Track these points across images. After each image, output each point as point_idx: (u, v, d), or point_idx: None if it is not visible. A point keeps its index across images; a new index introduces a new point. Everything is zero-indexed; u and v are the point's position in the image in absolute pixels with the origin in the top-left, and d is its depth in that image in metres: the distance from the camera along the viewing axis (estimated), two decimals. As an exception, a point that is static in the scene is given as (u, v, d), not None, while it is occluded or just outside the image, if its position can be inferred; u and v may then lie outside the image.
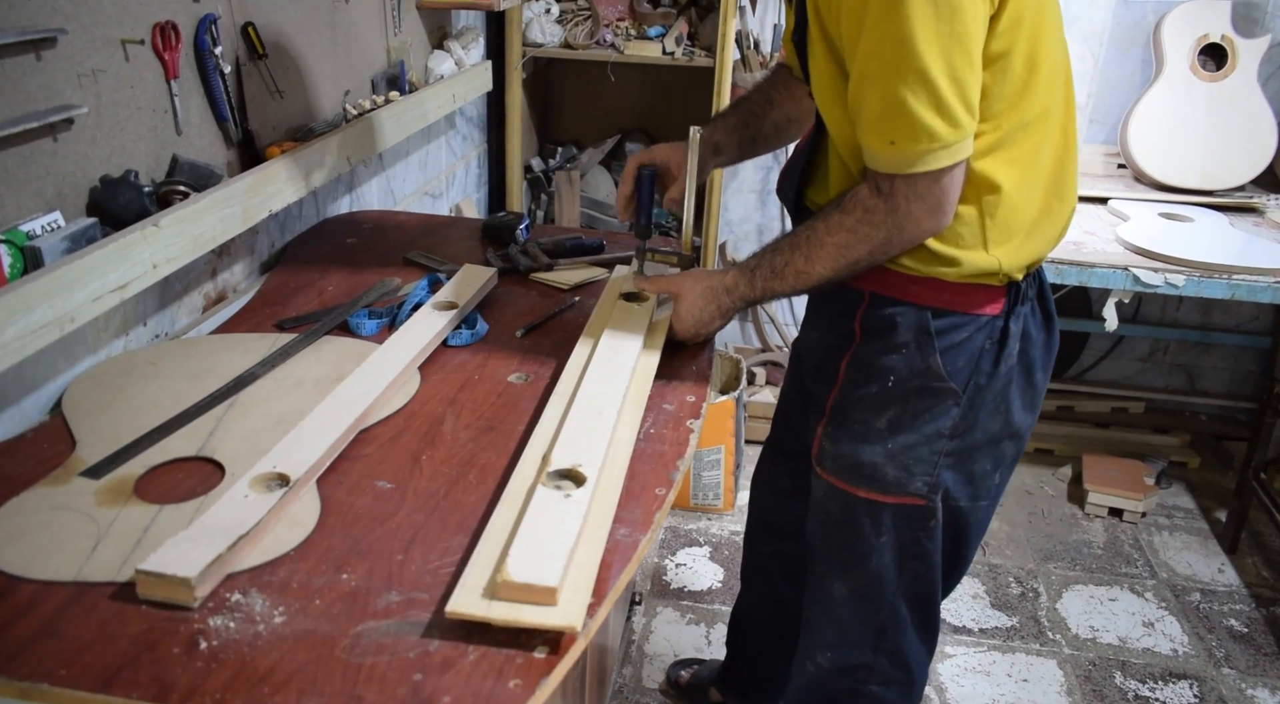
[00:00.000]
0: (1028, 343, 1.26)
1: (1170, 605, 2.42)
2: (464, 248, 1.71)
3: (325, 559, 0.90)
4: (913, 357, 1.23)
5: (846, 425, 1.29)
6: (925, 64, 1.03)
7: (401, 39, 2.07)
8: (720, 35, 2.62)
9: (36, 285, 1.02)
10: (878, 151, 1.10)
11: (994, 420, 1.27)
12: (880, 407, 1.26)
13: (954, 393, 1.23)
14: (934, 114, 1.05)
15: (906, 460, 1.26)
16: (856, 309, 1.27)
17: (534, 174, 3.05)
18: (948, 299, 1.21)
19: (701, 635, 2.24)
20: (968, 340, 1.22)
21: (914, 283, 1.21)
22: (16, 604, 0.83)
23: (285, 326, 1.38)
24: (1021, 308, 1.24)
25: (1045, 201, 1.21)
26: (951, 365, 1.23)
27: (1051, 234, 1.24)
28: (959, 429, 1.25)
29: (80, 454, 1.04)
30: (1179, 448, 3.06)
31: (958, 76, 1.05)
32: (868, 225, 1.14)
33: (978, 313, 1.22)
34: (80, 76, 1.17)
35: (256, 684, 0.76)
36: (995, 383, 1.24)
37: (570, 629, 0.79)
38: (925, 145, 1.07)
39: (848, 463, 1.29)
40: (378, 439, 1.11)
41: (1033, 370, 1.29)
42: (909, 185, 1.11)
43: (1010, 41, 1.10)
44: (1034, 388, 1.30)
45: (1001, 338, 1.23)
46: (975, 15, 1.04)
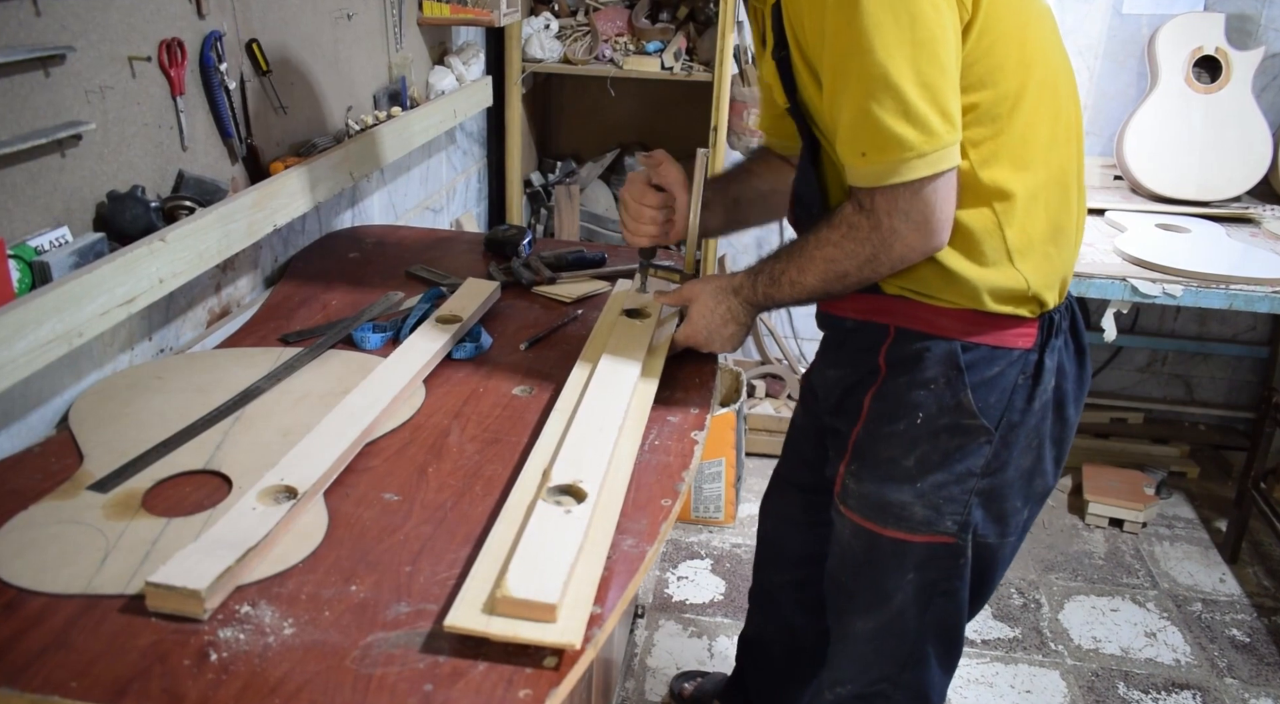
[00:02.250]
0: (1061, 377, 1.22)
1: (1172, 615, 2.42)
2: (466, 262, 1.72)
3: (334, 571, 0.91)
4: (942, 393, 1.18)
5: (872, 463, 1.25)
6: (888, 72, 1.00)
7: (403, 55, 2.08)
8: (719, 50, 2.64)
9: (45, 300, 1.03)
10: (853, 165, 1.07)
11: (1026, 457, 1.22)
12: (908, 445, 1.21)
13: (986, 430, 1.19)
14: (903, 122, 1.01)
15: (936, 500, 1.22)
16: (881, 344, 1.23)
17: (534, 188, 3.06)
18: (978, 332, 1.17)
19: (704, 648, 2.24)
20: (1000, 375, 1.18)
21: (943, 315, 1.17)
22: (27, 617, 0.83)
23: (290, 341, 1.38)
24: (1055, 341, 1.19)
25: (1060, 207, 1.18)
26: (983, 402, 1.18)
27: (1071, 243, 1.21)
28: (991, 468, 1.21)
29: (88, 468, 1.05)
30: (1178, 458, 3.06)
31: (927, 82, 1.01)
32: (852, 242, 1.11)
33: (1010, 346, 1.18)
34: (88, 93, 1.18)
35: (267, 695, 0.76)
36: (1029, 419, 1.20)
37: (569, 646, 0.79)
38: (897, 155, 1.03)
39: (873, 502, 1.25)
40: (384, 452, 1.11)
41: (1065, 405, 1.24)
42: (888, 199, 1.06)
43: (993, 46, 1.07)
44: (1065, 423, 1.26)
45: (1036, 372, 1.19)
46: (940, 21, 1.01)
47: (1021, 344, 1.18)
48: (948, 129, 1.03)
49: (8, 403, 1.10)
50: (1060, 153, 1.17)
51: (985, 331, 1.17)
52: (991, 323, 1.17)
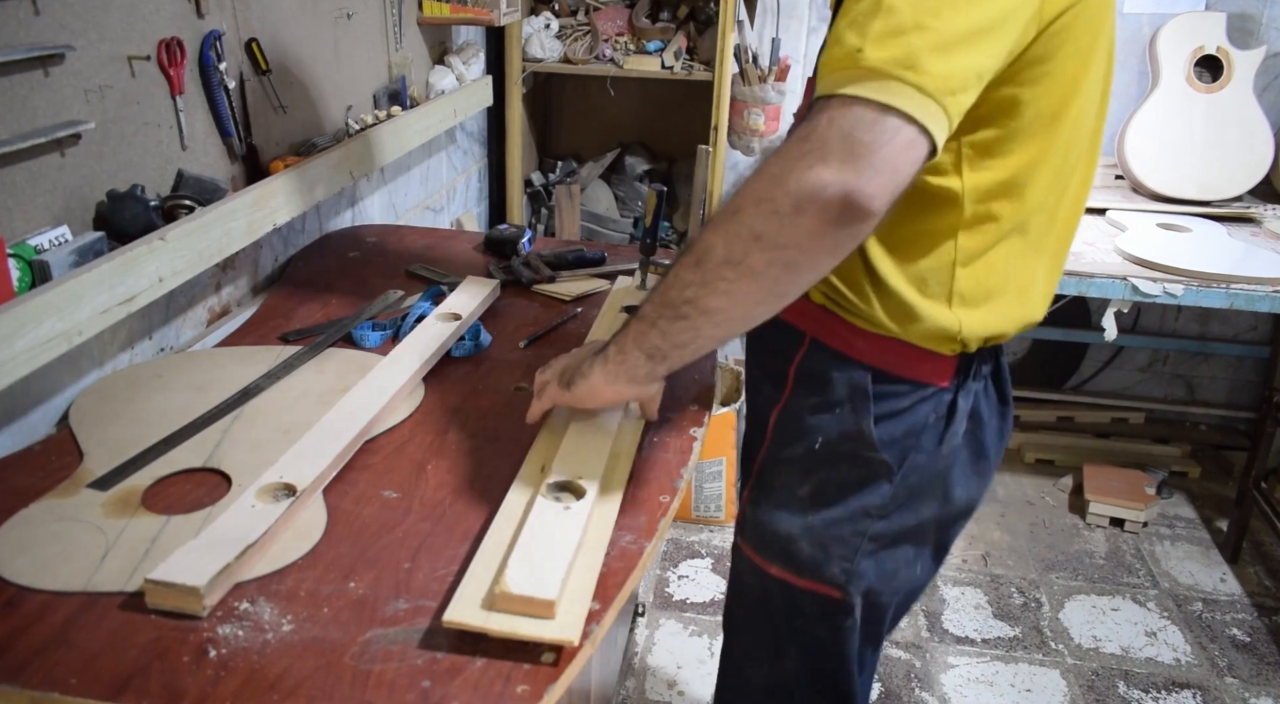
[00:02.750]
0: (977, 424, 1.10)
1: (1172, 615, 2.42)
2: (466, 260, 1.72)
3: (333, 568, 0.91)
4: (845, 418, 1.07)
5: (769, 490, 1.14)
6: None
7: (403, 54, 2.09)
8: (719, 49, 2.65)
9: (45, 298, 1.03)
10: (836, 67, 0.81)
11: (928, 505, 1.11)
12: (804, 472, 1.11)
13: (886, 467, 1.07)
14: (929, 43, 0.79)
15: (824, 538, 1.10)
16: (795, 353, 1.10)
17: (534, 188, 3.06)
18: (892, 361, 1.05)
19: (704, 647, 2.24)
20: (909, 410, 1.07)
21: (859, 336, 1.05)
22: (27, 614, 0.83)
23: (290, 339, 1.39)
24: (973, 384, 1.08)
25: (1026, 272, 1.04)
26: (887, 435, 1.06)
27: (1025, 311, 1.06)
28: (887, 509, 1.09)
29: (88, 466, 1.05)
30: (1179, 458, 3.06)
31: (983, 32, 0.81)
32: (774, 162, 0.82)
33: (924, 381, 1.06)
34: (87, 92, 1.18)
35: (266, 691, 0.76)
36: (935, 463, 1.08)
37: (567, 643, 0.79)
38: (901, 69, 0.78)
39: (765, 533, 1.14)
40: (383, 449, 1.11)
41: (981, 455, 1.13)
42: (844, 105, 0.79)
43: (1036, 71, 0.90)
44: (979, 475, 1.14)
45: (948, 414, 1.07)
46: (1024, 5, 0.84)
47: (936, 381, 1.06)
48: (942, 78, 0.79)
49: (8, 401, 1.11)
50: (1056, 213, 1.03)
51: (900, 362, 1.05)
52: (907, 354, 1.05)
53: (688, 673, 2.17)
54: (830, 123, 0.79)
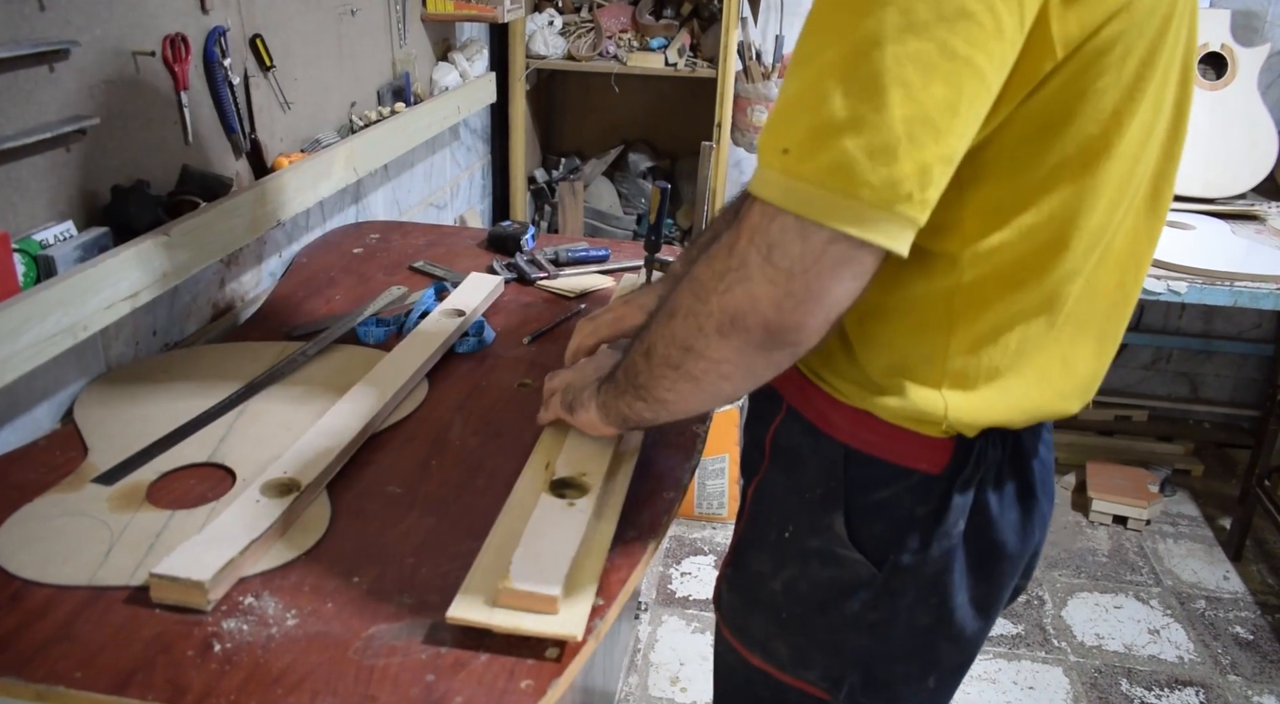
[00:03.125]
0: (985, 522, 0.89)
1: (1176, 613, 2.42)
2: (469, 257, 1.72)
3: (337, 563, 0.91)
4: (816, 507, 0.91)
5: (743, 572, 1.00)
6: (885, 65, 0.63)
7: (407, 51, 2.09)
8: (722, 47, 2.64)
9: (50, 293, 1.03)
10: (762, 163, 0.69)
11: (922, 615, 0.91)
12: (776, 562, 0.95)
13: (864, 568, 0.90)
14: (862, 147, 0.63)
15: (801, 642, 0.95)
16: (773, 419, 0.96)
17: (537, 185, 3.06)
18: (870, 440, 0.87)
19: (707, 644, 2.24)
20: (891, 501, 0.88)
21: (832, 407, 0.89)
22: (32, 608, 0.84)
23: (294, 335, 1.39)
24: (975, 473, 0.86)
25: (1055, 351, 0.85)
26: (863, 531, 0.89)
27: (1046, 400, 0.86)
28: (869, 618, 0.91)
29: (92, 461, 1.05)
30: (1183, 455, 3.06)
31: (924, 111, 0.63)
32: (705, 266, 0.73)
33: (909, 466, 0.87)
34: (92, 88, 1.18)
35: (270, 686, 0.76)
36: (924, 567, 0.88)
37: (571, 638, 0.80)
38: (828, 177, 0.64)
39: (741, 621, 1.01)
40: (387, 445, 1.11)
41: (992, 561, 0.91)
42: (765, 220, 0.67)
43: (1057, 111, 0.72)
44: (994, 585, 0.92)
45: (939, 508, 0.87)
46: (984, 34, 0.64)
47: (924, 467, 0.87)
48: (912, 194, 0.65)
49: (13, 396, 1.11)
50: (1096, 274, 0.83)
51: (879, 441, 0.87)
52: (887, 432, 0.87)
53: (690, 670, 2.17)
54: (750, 238, 0.68)
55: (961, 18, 0.63)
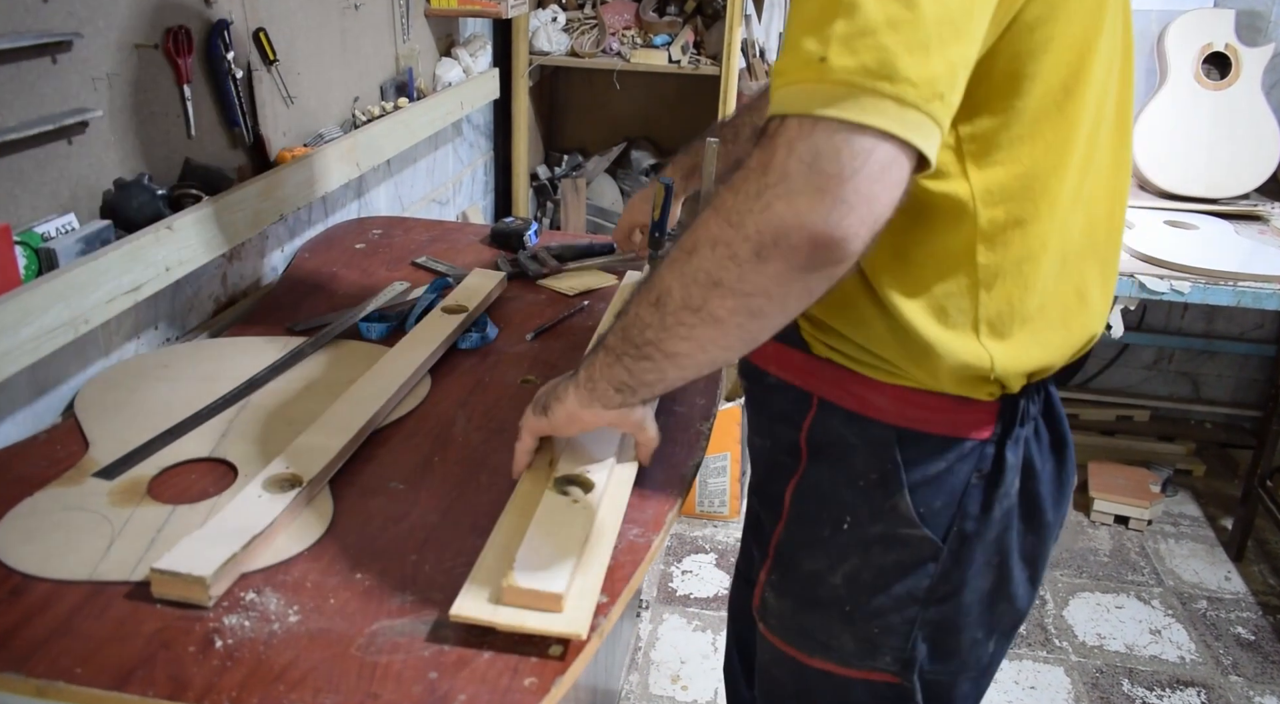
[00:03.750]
0: (1030, 477, 0.93)
1: (1177, 613, 2.42)
2: (472, 253, 1.72)
3: (339, 559, 0.90)
4: (874, 493, 0.91)
5: (794, 576, 0.99)
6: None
7: (410, 46, 2.08)
8: (726, 44, 2.64)
9: (52, 286, 1.03)
10: (788, 79, 0.68)
11: (985, 578, 0.94)
12: (834, 557, 0.95)
13: (930, 544, 0.91)
14: (899, 41, 0.64)
15: (870, 630, 0.95)
16: (803, 418, 0.95)
17: (540, 181, 3.06)
18: (920, 416, 0.89)
19: (708, 642, 2.24)
20: (947, 473, 0.90)
21: (876, 391, 0.89)
22: (32, 603, 0.83)
23: (296, 330, 1.38)
24: (1020, 430, 0.90)
25: (1069, 284, 0.88)
26: (926, 506, 0.90)
27: (1074, 331, 0.90)
28: (939, 592, 0.93)
29: (93, 455, 1.04)
30: (1184, 456, 3.06)
31: (953, 18, 0.66)
32: (731, 193, 0.71)
33: (960, 436, 0.89)
34: (94, 80, 1.18)
35: (272, 682, 0.76)
36: (987, 530, 0.91)
37: (575, 636, 0.79)
38: (870, 70, 0.64)
39: (795, 625, 0.99)
40: (389, 441, 1.11)
41: (1038, 512, 0.95)
42: (804, 131, 0.66)
43: (1048, 40, 0.77)
44: (1040, 535, 0.96)
45: (995, 470, 0.90)
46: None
47: (975, 434, 0.89)
48: (925, 84, 0.65)
49: (13, 390, 1.10)
50: (1089, 212, 0.87)
51: (929, 416, 0.89)
52: (937, 406, 0.88)
53: (691, 668, 2.16)
54: (789, 150, 0.66)
55: None
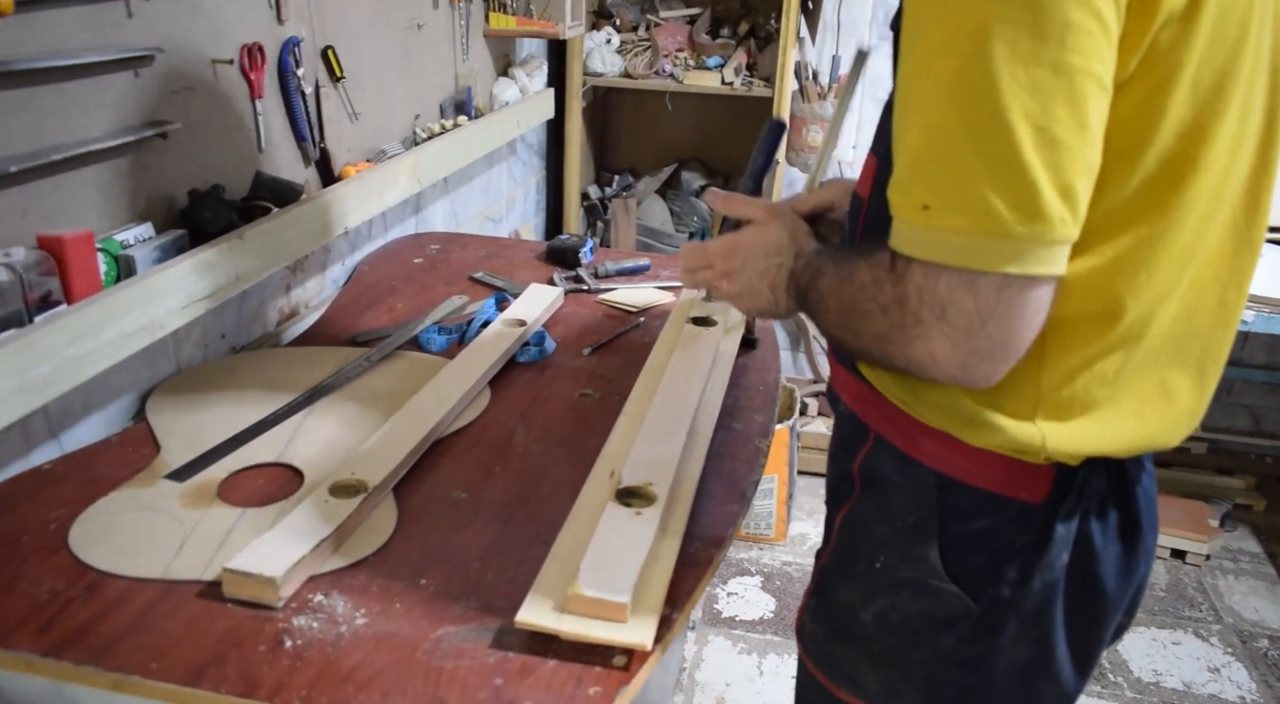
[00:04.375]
0: (1088, 557, 0.84)
1: (1237, 651, 2.35)
2: (528, 269, 1.74)
3: (403, 565, 0.91)
4: (908, 537, 0.86)
5: (830, 604, 0.96)
6: (1004, 103, 0.63)
7: (469, 66, 2.11)
8: (779, 66, 2.65)
9: (130, 292, 1.06)
10: (901, 217, 0.70)
11: (1020, 651, 0.86)
12: (866, 593, 0.91)
13: (959, 601, 0.85)
14: (1001, 188, 0.64)
15: (893, 677, 0.90)
16: (859, 448, 0.91)
17: (590, 201, 3.08)
18: (966, 467, 0.83)
19: (754, 665, 2.22)
20: (989, 532, 0.83)
21: (924, 434, 0.84)
22: (108, 599, 0.85)
23: (358, 341, 1.40)
24: (1077, 503, 0.82)
25: (1151, 377, 0.80)
26: (959, 563, 0.84)
27: (1148, 430, 0.82)
28: (965, 654, 0.86)
29: (164, 458, 1.07)
30: (1243, 490, 2.98)
31: (1054, 136, 0.64)
32: (870, 300, 0.75)
33: (1008, 496, 0.82)
34: (173, 94, 1.21)
35: (341, 683, 0.76)
36: (1025, 601, 0.84)
37: (640, 647, 0.79)
38: (977, 225, 0.65)
39: (826, 653, 0.96)
40: (451, 450, 1.12)
41: (1094, 597, 0.86)
42: (929, 281, 0.68)
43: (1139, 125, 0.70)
44: (1094, 623, 0.87)
45: (1040, 540, 0.82)
46: (1092, 40, 0.63)
47: (1024, 496, 0.82)
48: (1064, 217, 0.65)
49: (88, 393, 1.13)
50: (1192, 291, 0.79)
51: (977, 469, 0.83)
52: (987, 460, 0.82)
53: (736, 691, 2.14)
54: (919, 298, 0.69)
55: (1068, 32, 0.62)
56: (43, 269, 0.99)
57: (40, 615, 0.83)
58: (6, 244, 1.00)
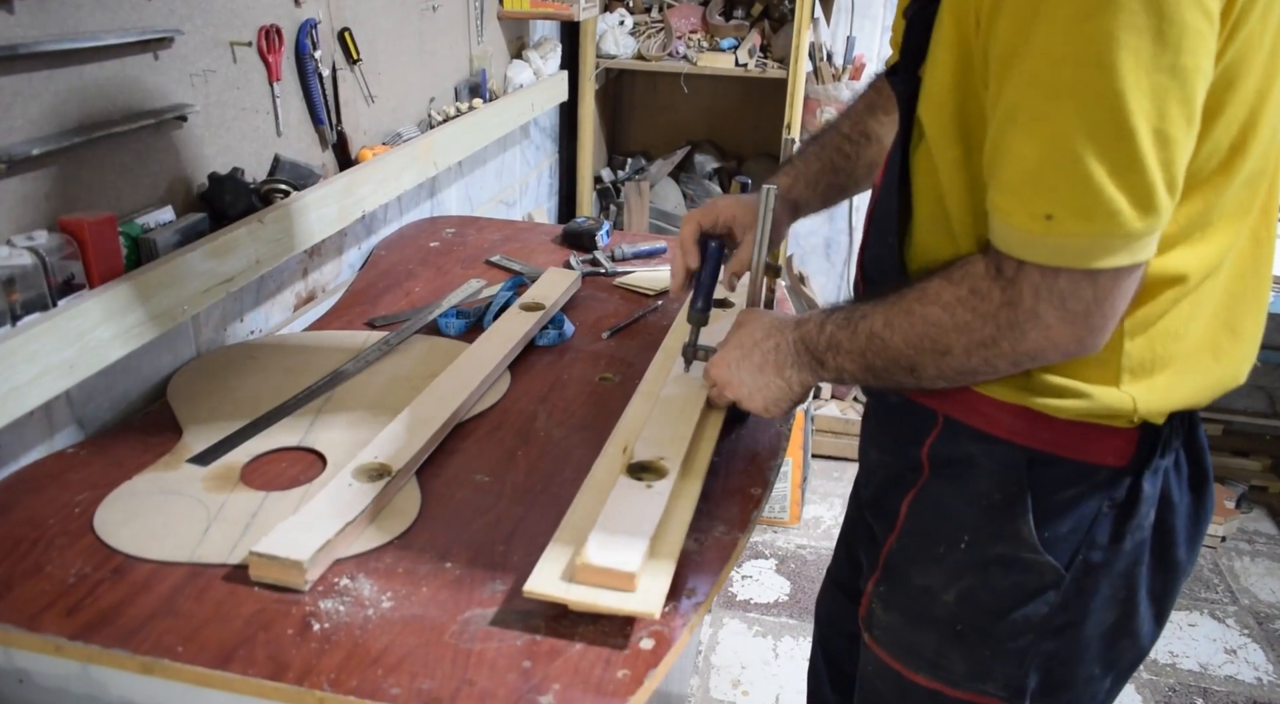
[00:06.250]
0: (1168, 511, 0.88)
1: (1253, 632, 2.35)
2: (544, 252, 1.73)
3: (428, 548, 0.91)
4: (996, 514, 0.88)
5: (903, 590, 0.96)
6: (1127, 106, 0.67)
7: (483, 48, 2.10)
8: (794, 47, 2.63)
9: (152, 276, 1.06)
10: (1016, 224, 0.74)
11: (1109, 612, 0.90)
12: (949, 575, 0.92)
13: (1052, 571, 0.87)
14: (1122, 186, 0.69)
15: (981, 653, 0.92)
16: (926, 435, 0.93)
17: (603, 184, 3.07)
18: (1052, 439, 0.85)
19: (769, 648, 2.22)
20: (1077, 500, 0.86)
21: (1004, 411, 0.86)
22: (135, 582, 0.85)
23: (376, 325, 1.40)
24: (1161, 460, 0.86)
25: (1224, 322, 0.85)
26: (1051, 532, 0.87)
27: (1223, 370, 0.86)
28: (1057, 622, 0.89)
29: (187, 441, 1.07)
30: (1259, 472, 2.97)
31: (1168, 135, 0.68)
32: (970, 312, 0.78)
33: (1095, 462, 0.85)
34: (192, 77, 1.21)
35: (369, 666, 0.77)
36: (1116, 562, 0.87)
37: (649, 615, 0.79)
38: (1101, 228, 0.70)
39: (902, 639, 0.96)
40: (473, 434, 1.12)
41: (1171, 548, 0.90)
42: (1047, 280, 0.74)
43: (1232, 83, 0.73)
44: (1171, 573, 0.91)
45: (1129, 501, 0.86)
46: (1206, 45, 0.68)
47: (1111, 461, 0.85)
48: (1169, 204, 0.71)
49: (110, 376, 1.13)
50: (1238, 254, 0.84)
51: (1062, 439, 0.85)
52: (1071, 429, 0.85)
53: (752, 673, 2.15)
54: (1036, 295, 0.75)
55: (1185, 34, 0.66)
56: (65, 253, 0.99)
57: (68, 598, 0.83)
58: (29, 228, 1.00)
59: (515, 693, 0.74)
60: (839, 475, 2.88)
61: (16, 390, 0.92)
